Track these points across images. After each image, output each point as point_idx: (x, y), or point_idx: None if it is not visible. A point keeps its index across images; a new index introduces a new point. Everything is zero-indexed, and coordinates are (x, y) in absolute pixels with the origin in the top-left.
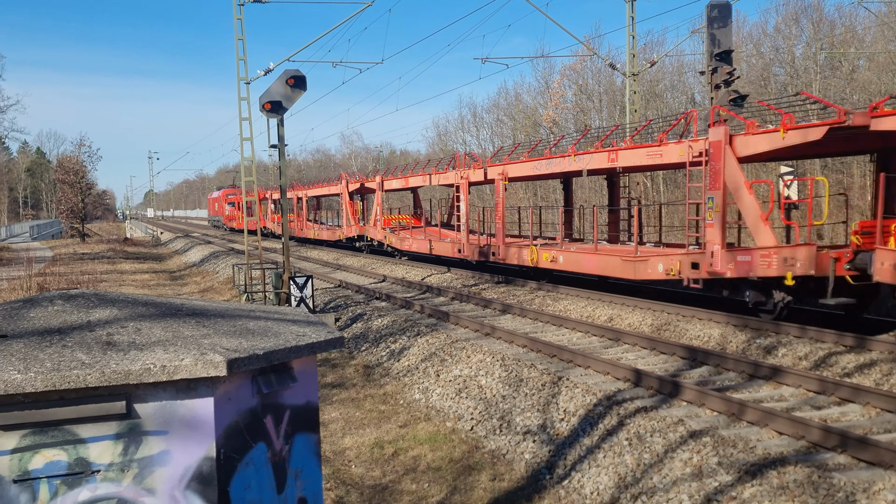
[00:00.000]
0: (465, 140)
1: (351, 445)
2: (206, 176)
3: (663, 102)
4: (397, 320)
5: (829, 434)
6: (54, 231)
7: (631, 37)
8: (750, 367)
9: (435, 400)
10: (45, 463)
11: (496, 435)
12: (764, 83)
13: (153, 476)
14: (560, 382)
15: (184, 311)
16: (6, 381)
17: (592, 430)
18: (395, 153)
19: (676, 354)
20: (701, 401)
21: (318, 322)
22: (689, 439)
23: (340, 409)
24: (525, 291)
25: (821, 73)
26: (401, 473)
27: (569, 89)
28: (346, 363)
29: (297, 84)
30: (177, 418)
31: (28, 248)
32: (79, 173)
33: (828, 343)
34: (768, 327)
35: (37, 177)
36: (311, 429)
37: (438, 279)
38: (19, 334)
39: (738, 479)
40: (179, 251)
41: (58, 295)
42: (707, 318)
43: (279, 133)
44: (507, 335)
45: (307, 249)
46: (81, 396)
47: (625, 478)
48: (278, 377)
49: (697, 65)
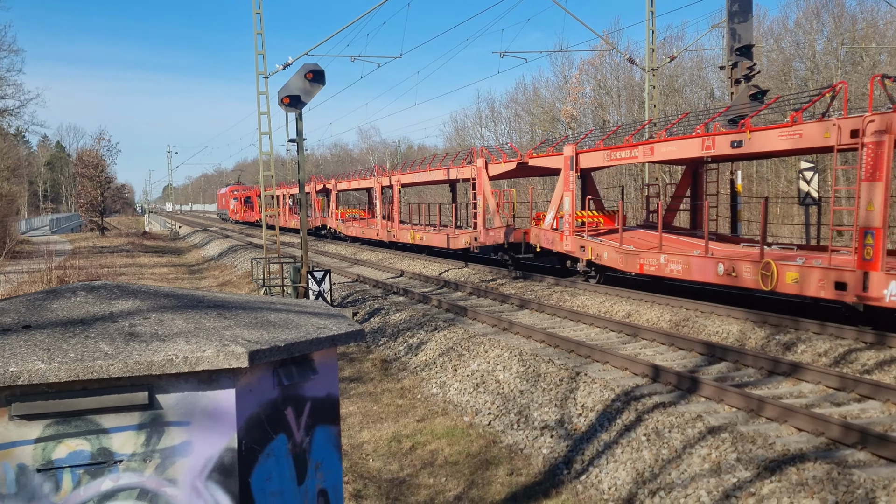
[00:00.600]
0: (482, 135)
1: (369, 439)
2: (224, 170)
3: (682, 98)
4: (415, 315)
5: (849, 431)
6: (74, 224)
7: (650, 31)
8: (769, 363)
9: (452, 394)
10: (68, 452)
11: (514, 430)
12: (784, 78)
13: (175, 466)
14: (578, 378)
15: (205, 302)
16: (30, 371)
17: (610, 426)
18: (413, 148)
19: (695, 350)
20: (719, 397)
21: (338, 315)
22: (707, 435)
23: (358, 403)
24: (542, 287)
25: (842, 68)
26: (418, 467)
27: (587, 84)
28: (364, 357)
29: (315, 78)
30: (198, 409)
31: (48, 242)
32: (98, 167)
33: (847, 339)
34: (787, 323)
35: (56, 170)
36: (331, 421)
37: (456, 274)
38: (43, 325)
39: (756, 476)
40: (198, 245)
41: (80, 286)
42: (726, 314)
43: (297, 127)
44: (525, 330)
45: (325, 244)
46: (104, 387)
47: (643, 473)
48: (299, 369)
49: (717, 60)
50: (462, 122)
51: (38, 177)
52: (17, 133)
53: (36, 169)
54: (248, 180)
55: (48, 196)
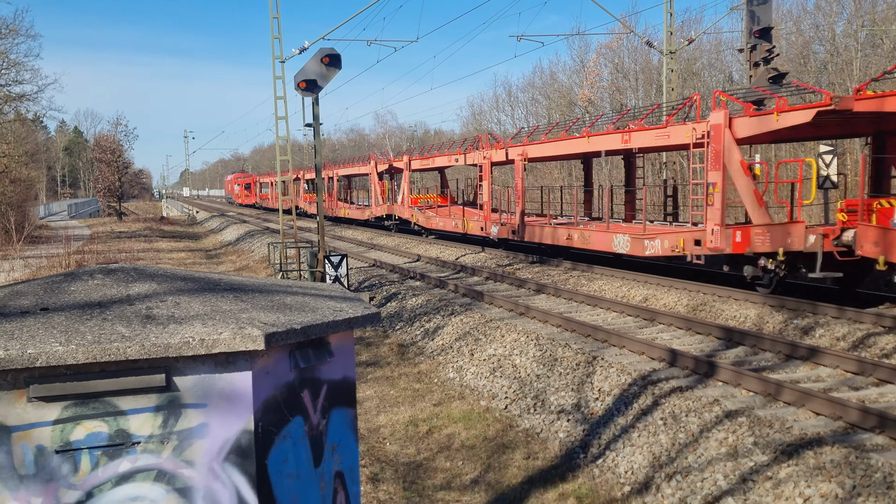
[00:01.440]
0: (499, 119)
1: (385, 423)
2: (242, 155)
3: (700, 81)
4: (431, 299)
5: (867, 415)
6: (92, 210)
7: (668, 14)
8: (787, 347)
9: (469, 379)
10: (86, 434)
11: (530, 414)
12: (804, 61)
13: (192, 448)
14: (594, 362)
15: (222, 285)
16: (48, 354)
17: (627, 410)
18: (430, 133)
19: (712, 335)
20: (737, 381)
21: (354, 298)
22: (724, 419)
23: (375, 388)
24: (559, 271)
25: (861, 50)
26: (435, 451)
27: (605, 68)
28: (381, 342)
29: (331, 62)
30: (215, 391)
31: (66, 227)
32: (115, 152)
33: (866, 324)
34: (806, 308)
35: (74, 156)
36: (347, 404)
37: (472, 259)
38: (60, 307)
39: (773, 459)
40: (215, 230)
41: (98, 269)
42: (744, 299)
43: (314, 112)
44: (542, 315)
45: (341, 229)
46: (122, 369)
47: (659, 457)
48: (315, 352)
49: (736, 42)
50: (479, 107)
51: (57, 162)
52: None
53: (54, 154)
54: (265, 165)
55: (66, 181)
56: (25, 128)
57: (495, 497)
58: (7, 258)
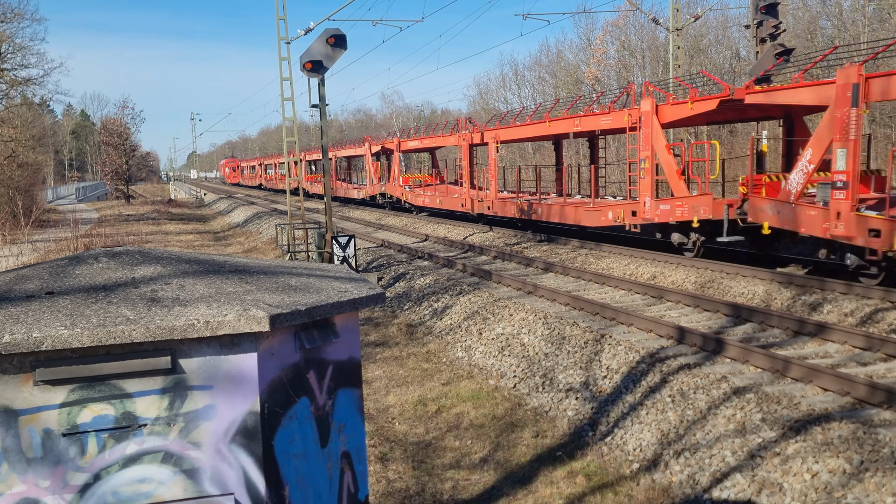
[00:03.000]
0: (506, 98)
1: (394, 403)
2: (249, 137)
3: (707, 57)
4: (440, 279)
5: (875, 390)
6: (99, 193)
7: None
8: (794, 323)
9: (478, 358)
10: (92, 417)
11: (539, 392)
12: (811, 36)
13: (199, 430)
14: (603, 340)
15: (226, 267)
16: (54, 337)
17: (635, 388)
18: (437, 112)
19: (720, 312)
20: (745, 357)
21: (359, 279)
22: (732, 396)
23: (384, 368)
24: (567, 250)
25: (869, 25)
26: (444, 430)
27: (611, 45)
28: (389, 322)
29: (337, 43)
30: (221, 373)
31: (74, 210)
32: (122, 135)
33: (874, 300)
34: (814, 284)
35: (81, 139)
36: (353, 384)
37: (480, 238)
38: (66, 291)
39: (781, 436)
40: (223, 212)
41: (103, 252)
42: (751, 276)
43: (320, 93)
44: (550, 293)
45: (349, 210)
46: (127, 352)
47: (668, 434)
48: (321, 332)
49: (742, 19)
50: (485, 86)
51: (64, 146)
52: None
53: (61, 138)
54: (272, 147)
55: (74, 165)
56: (32, 112)
57: (504, 475)
58: (15, 242)
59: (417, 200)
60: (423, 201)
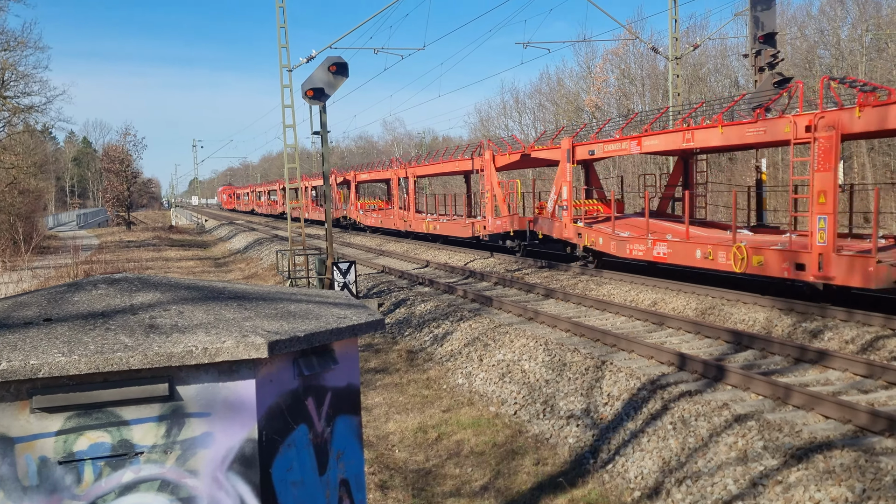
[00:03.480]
0: (507, 125)
1: (394, 430)
2: (250, 164)
3: (706, 86)
4: (440, 305)
5: (877, 418)
6: (100, 219)
7: (673, 20)
8: (796, 350)
9: (478, 384)
10: (89, 444)
11: (539, 419)
12: (808, 66)
13: (196, 458)
14: (604, 367)
15: (225, 294)
16: (51, 364)
17: (636, 415)
18: (438, 139)
19: (721, 338)
20: (746, 385)
21: (359, 305)
22: (734, 423)
23: (384, 394)
24: (568, 276)
25: (866, 54)
26: (444, 458)
27: (611, 74)
28: (390, 348)
29: (339, 71)
30: (219, 400)
31: (75, 237)
32: (124, 162)
33: (875, 326)
34: (814, 311)
35: (83, 166)
36: (352, 411)
37: (482, 264)
38: (63, 318)
39: (783, 464)
40: (224, 238)
41: (101, 279)
42: (752, 302)
43: (322, 120)
44: (551, 320)
45: (350, 236)
46: (125, 379)
47: (669, 462)
48: (319, 359)
49: (741, 48)
50: (486, 113)
51: (65, 172)
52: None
53: (63, 165)
54: (274, 173)
55: (75, 191)
56: (34, 139)
57: (505, 503)
58: (16, 269)
59: (367, 221)
60: (371, 222)
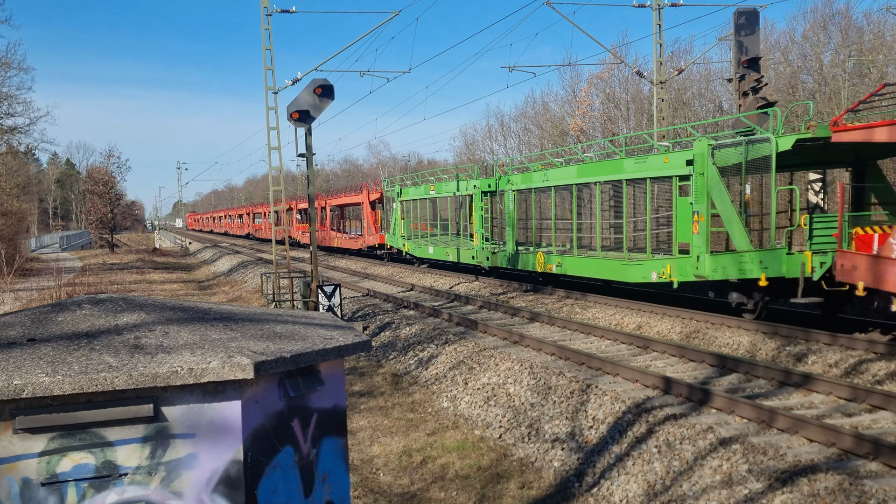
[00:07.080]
0: (492, 149)
1: (379, 453)
2: (235, 186)
3: (691, 110)
4: (425, 328)
5: (861, 441)
6: (84, 242)
7: (658, 45)
8: (780, 374)
9: (463, 408)
10: (72, 466)
11: (525, 443)
12: (792, 90)
13: (181, 479)
14: (589, 390)
15: (211, 315)
16: (34, 384)
17: (621, 438)
18: (423, 162)
19: (706, 362)
20: (731, 408)
21: (345, 326)
22: (718, 447)
23: (368, 418)
24: (553, 300)
25: (849, 80)
26: (429, 481)
27: (596, 98)
28: (375, 372)
29: (324, 93)
30: (204, 421)
31: (58, 259)
32: (108, 184)
33: (858, 350)
34: (798, 334)
35: (66, 188)
36: (338, 433)
37: (466, 287)
38: (47, 338)
39: (768, 487)
40: (208, 261)
41: (86, 299)
42: (737, 326)
43: (307, 142)
44: (536, 343)
45: (334, 259)
46: (109, 399)
47: (654, 485)
48: (305, 380)
49: (725, 72)
50: (472, 137)
51: (49, 194)
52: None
53: (46, 186)
54: (258, 196)
55: (58, 213)
56: (17, 160)
57: None
58: None
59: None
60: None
